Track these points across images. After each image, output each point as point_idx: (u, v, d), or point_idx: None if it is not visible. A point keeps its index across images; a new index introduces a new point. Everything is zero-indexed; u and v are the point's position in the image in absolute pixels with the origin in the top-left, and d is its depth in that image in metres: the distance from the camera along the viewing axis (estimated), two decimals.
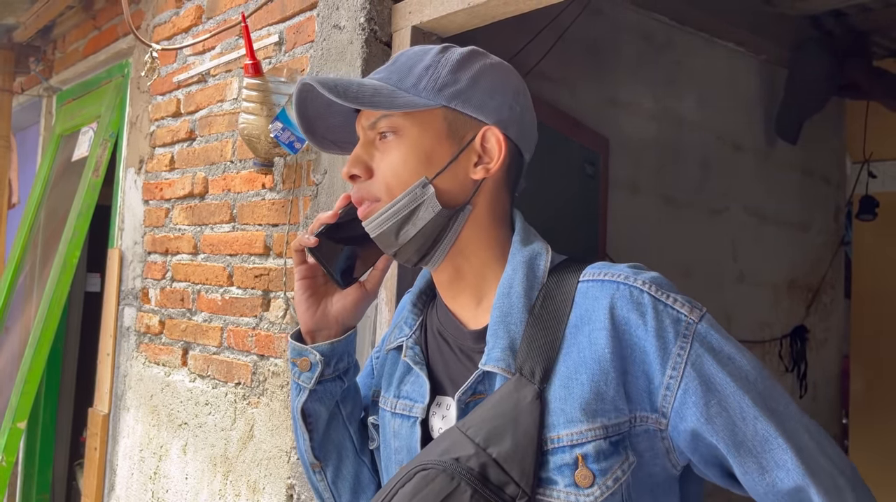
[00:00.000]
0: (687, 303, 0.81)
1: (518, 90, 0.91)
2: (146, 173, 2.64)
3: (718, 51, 3.62)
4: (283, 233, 1.96)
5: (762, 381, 0.80)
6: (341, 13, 1.82)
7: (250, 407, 2.02)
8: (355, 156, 0.89)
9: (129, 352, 2.64)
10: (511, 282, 0.86)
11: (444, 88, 0.86)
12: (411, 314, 0.97)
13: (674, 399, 0.78)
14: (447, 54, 0.88)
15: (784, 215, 4.08)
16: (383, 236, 0.88)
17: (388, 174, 0.86)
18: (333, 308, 0.97)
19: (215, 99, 2.29)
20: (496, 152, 0.87)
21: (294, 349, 0.97)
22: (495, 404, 0.81)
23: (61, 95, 3.54)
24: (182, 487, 2.27)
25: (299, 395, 0.97)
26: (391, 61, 0.90)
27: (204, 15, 2.38)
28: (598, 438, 0.78)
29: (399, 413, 0.93)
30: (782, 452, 0.77)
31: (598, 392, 0.78)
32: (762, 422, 0.77)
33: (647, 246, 3.27)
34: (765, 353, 3.90)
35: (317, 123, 0.94)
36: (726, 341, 0.81)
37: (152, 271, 2.54)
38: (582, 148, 2.85)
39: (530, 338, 0.82)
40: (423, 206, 0.85)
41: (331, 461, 1.00)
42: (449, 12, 1.63)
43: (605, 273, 0.84)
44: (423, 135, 0.86)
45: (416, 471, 0.79)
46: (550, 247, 0.92)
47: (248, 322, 2.07)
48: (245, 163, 2.13)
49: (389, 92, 0.85)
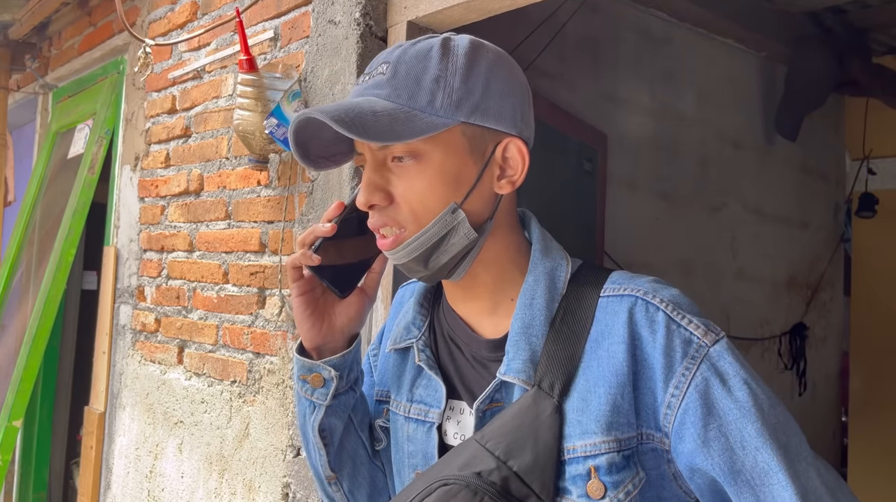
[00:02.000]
0: (702, 326, 0.79)
1: (522, 83, 0.87)
2: (142, 170, 2.62)
3: (717, 47, 3.61)
4: (279, 230, 1.94)
5: (774, 414, 0.77)
6: (336, 8, 1.80)
7: (246, 406, 2.01)
8: (371, 182, 0.82)
9: (124, 350, 2.62)
10: (533, 294, 0.85)
11: (462, 103, 0.80)
12: (419, 315, 0.95)
13: (674, 418, 0.77)
14: (451, 58, 0.81)
15: (783, 212, 4.07)
16: (411, 263, 0.84)
17: (415, 202, 0.81)
18: (338, 320, 0.93)
19: (211, 95, 2.28)
20: (519, 163, 0.84)
21: (304, 365, 0.93)
22: (514, 417, 0.80)
23: (57, 92, 3.52)
24: (178, 486, 2.25)
25: (314, 413, 0.93)
26: (390, 72, 0.81)
27: (199, 11, 2.36)
28: (612, 451, 0.77)
29: (413, 417, 0.91)
30: (782, 489, 0.73)
31: (614, 405, 0.78)
32: (765, 454, 0.74)
33: (646, 243, 3.26)
34: (764, 351, 3.89)
35: (311, 144, 0.86)
36: (740, 368, 0.78)
37: (148, 269, 2.53)
38: (580, 144, 2.83)
39: (551, 353, 0.82)
40: (454, 232, 0.82)
41: (346, 471, 0.98)
42: (445, 7, 1.62)
43: (625, 288, 0.83)
44: (446, 157, 0.81)
45: (438, 486, 0.78)
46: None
47: (243, 320, 2.06)
48: (240, 159, 2.11)
49: (406, 117, 0.78)
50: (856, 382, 4.63)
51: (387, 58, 0.83)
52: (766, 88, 3.91)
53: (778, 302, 4.03)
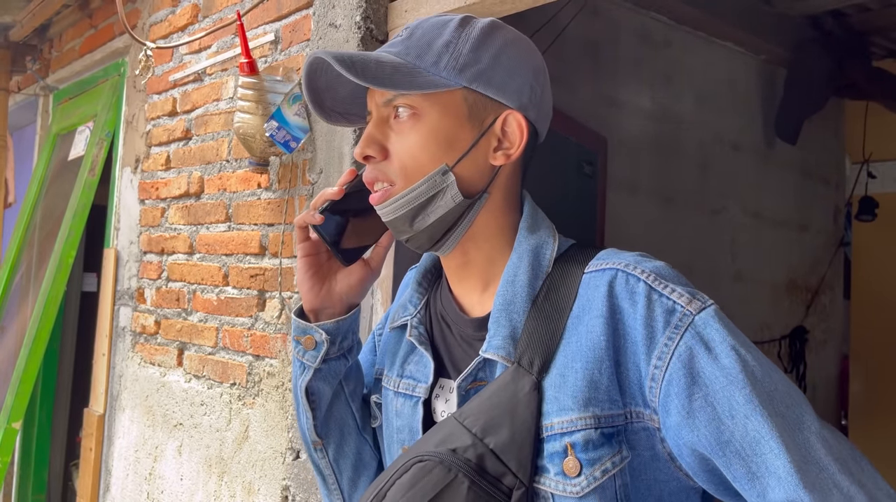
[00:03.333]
0: (687, 294, 0.76)
1: (538, 68, 0.87)
2: (142, 172, 2.63)
3: (717, 50, 3.61)
4: (279, 233, 1.94)
5: (771, 382, 0.73)
6: (337, 11, 1.81)
7: (245, 408, 2.01)
8: (369, 135, 0.84)
9: (124, 352, 2.62)
10: (516, 271, 0.84)
11: (466, 68, 0.82)
12: (416, 293, 0.95)
13: (659, 391, 0.74)
14: (467, 29, 0.84)
15: (783, 216, 4.07)
16: (397, 221, 0.85)
17: (406, 158, 0.83)
18: (338, 286, 0.94)
19: (211, 98, 2.28)
20: (517, 138, 0.84)
21: (298, 326, 0.94)
22: (492, 394, 0.79)
23: (58, 94, 3.53)
24: (177, 488, 2.25)
25: (303, 374, 0.95)
26: (406, 34, 0.85)
27: (200, 14, 2.37)
28: (589, 427, 0.75)
29: (402, 392, 0.92)
30: (774, 457, 0.69)
31: (591, 380, 0.76)
32: (755, 422, 0.70)
33: (646, 246, 3.25)
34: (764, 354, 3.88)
35: (325, 95, 0.89)
36: (728, 334, 0.74)
37: (148, 271, 2.53)
38: (580, 147, 2.84)
39: (531, 329, 0.81)
40: (441, 194, 0.82)
41: (332, 439, 0.99)
42: (445, 10, 1.62)
43: (608, 262, 0.82)
44: (443, 118, 0.82)
45: (414, 463, 0.77)
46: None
47: (243, 322, 2.06)
48: (241, 162, 2.12)
49: (409, 70, 0.81)
50: (855, 386, 4.63)
51: (408, 25, 0.87)
52: (766, 92, 3.92)
53: (778, 305, 4.03)
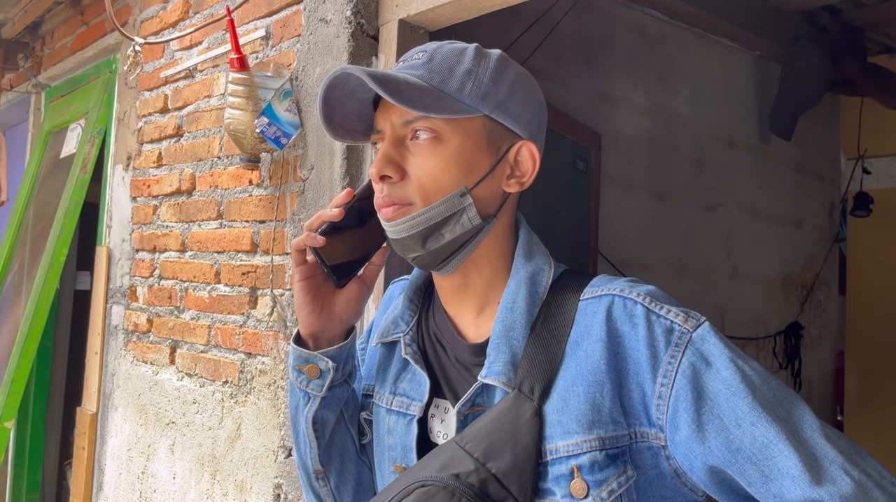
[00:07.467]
0: (682, 314, 0.80)
1: (542, 101, 0.91)
2: (134, 170, 2.61)
3: (712, 46, 3.61)
4: (270, 230, 1.93)
5: (769, 389, 0.76)
6: (328, 7, 1.79)
7: (238, 406, 2.00)
8: (386, 155, 0.84)
9: (117, 350, 2.61)
10: (514, 298, 0.86)
11: (488, 97, 0.84)
12: (408, 310, 0.95)
13: (666, 408, 0.77)
14: (484, 59, 0.86)
15: (778, 211, 4.06)
16: (409, 240, 0.85)
17: (426, 179, 0.83)
18: (338, 306, 0.94)
19: (202, 94, 2.27)
20: (529, 167, 0.87)
21: (300, 356, 0.93)
22: (494, 419, 0.80)
23: (50, 92, 3.51)
24: (170, 487, 2.24)
25: (309, 404, 0.93)
26: (426, 58, 0.85)
27: (191, 9, 2.35)
28: (594, 449, 0.77)
29: (395, 410, 0.92)
30: (785, 458, 0.72)
31: (593, 403, 0.78)
32: (761, 427, 0.73)
33: (640, 242, 3.26)
34: (759, 350, 3.89)
35: (336, 111, 0.89)
36: (724, 348, 0.78)
37: (140, 269, 2.52)
38: (574, 144, 2.83)
39: (531, 356, 0.82)
40: (458, 216, 0.84)
41: (334, 466, 0.98)
42: (436, 5, 1.61)
43: (602, 289, 0.84)
44: (465, 142, 0.84)
45: (416, 487, 0.78)
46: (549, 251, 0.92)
47: (235, 320, 2.05)
48: (232, 159, 2.10)
49: (436, 95, 0.82)
50: (851, 381, 4.63)
51: (423, 48, 0.88)
52: (761, 87, 3.91)
53: (773, 301, 4.03)
